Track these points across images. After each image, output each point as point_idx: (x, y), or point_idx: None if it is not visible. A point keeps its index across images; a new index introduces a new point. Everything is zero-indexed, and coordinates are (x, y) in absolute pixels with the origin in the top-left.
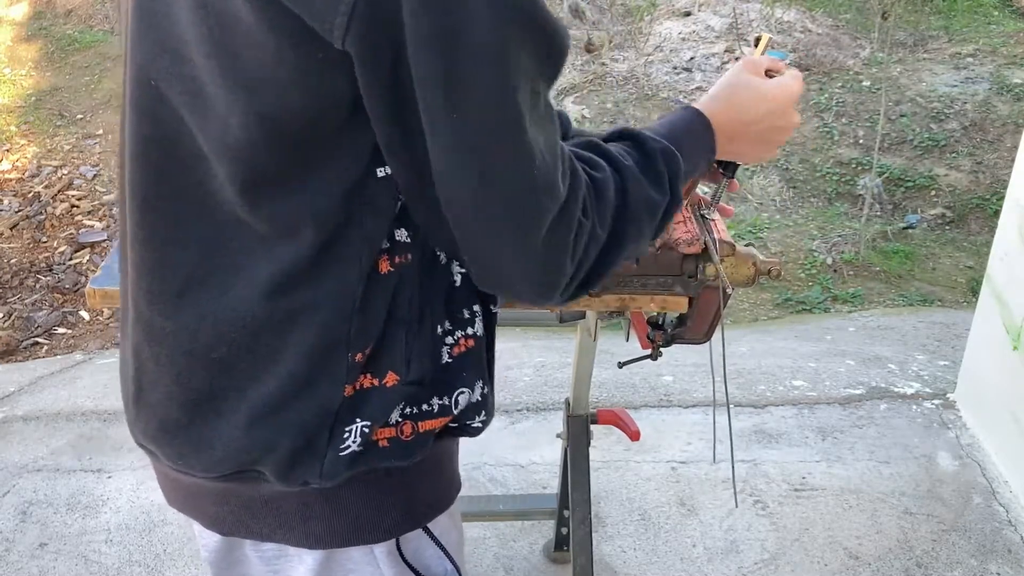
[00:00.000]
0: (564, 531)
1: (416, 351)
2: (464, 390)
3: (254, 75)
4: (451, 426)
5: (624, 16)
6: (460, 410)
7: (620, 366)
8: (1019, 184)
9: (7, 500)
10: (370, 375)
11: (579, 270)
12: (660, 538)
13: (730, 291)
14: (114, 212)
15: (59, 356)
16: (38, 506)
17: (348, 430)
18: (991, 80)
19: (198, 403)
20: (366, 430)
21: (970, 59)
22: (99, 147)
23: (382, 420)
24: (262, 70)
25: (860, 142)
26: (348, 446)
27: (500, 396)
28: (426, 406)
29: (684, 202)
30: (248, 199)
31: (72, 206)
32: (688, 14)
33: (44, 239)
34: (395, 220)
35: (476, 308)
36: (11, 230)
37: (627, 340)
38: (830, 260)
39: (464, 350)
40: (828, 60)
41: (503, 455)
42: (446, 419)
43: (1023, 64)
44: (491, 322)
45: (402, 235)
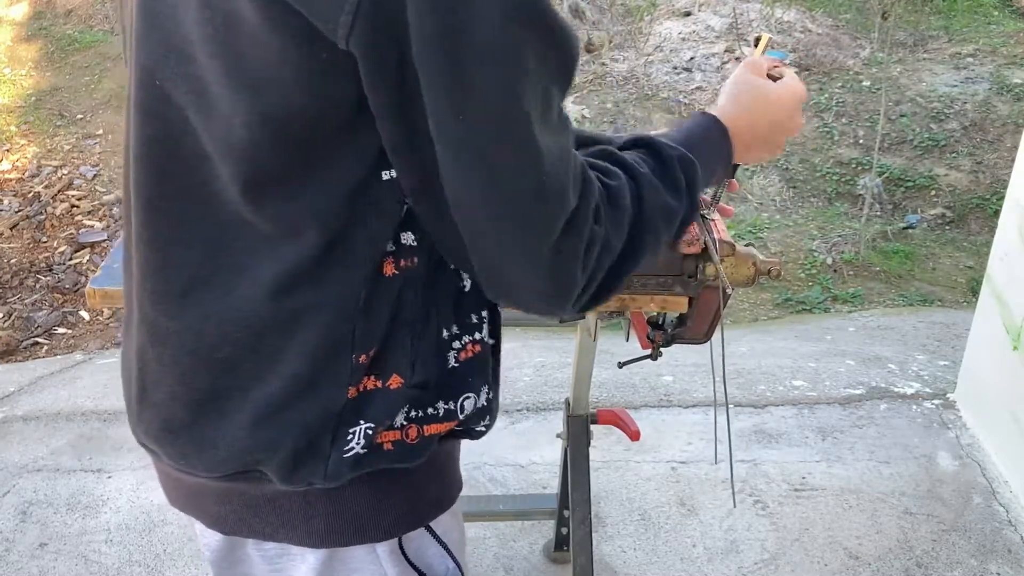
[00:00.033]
0: (564, 531)
1: (421, 354)
2: (470, 395)
3: (258, 75)
4: (455, 429)
5: (624, 16)
6: (466, 415)
7: (620, 366)
8: (1019, 184)
9: (7, 500)
10: (374, 377)
11: (591, 281)
12: (660, 538)
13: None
14: (114, 212)
15: (59, 356)
16: (38, 506)
17: (352, 432)
18: (991, 80)
19: (201, 403)
20: (370, 432)
21: (970, 59)
22: (99, 147)
23: (386, 422)
24: (266, 70)
25: (860, 142)
26: (352, 447)
27: (500, 396)
28: (431, 410)
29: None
30: (252, 199)
31: (72, 206)
32: (688, 14)
33: (44, 239)
34: (402, 223)
35: (484, 314)
36: (11, 230)
37: (627, 340)
38: (830, 260)
39: (471, 355)
40: (828, 60)
41: (503, 455)
42: (451, 424)
43: (1023, 64)
44: (498, 325)
45: (408, 239)
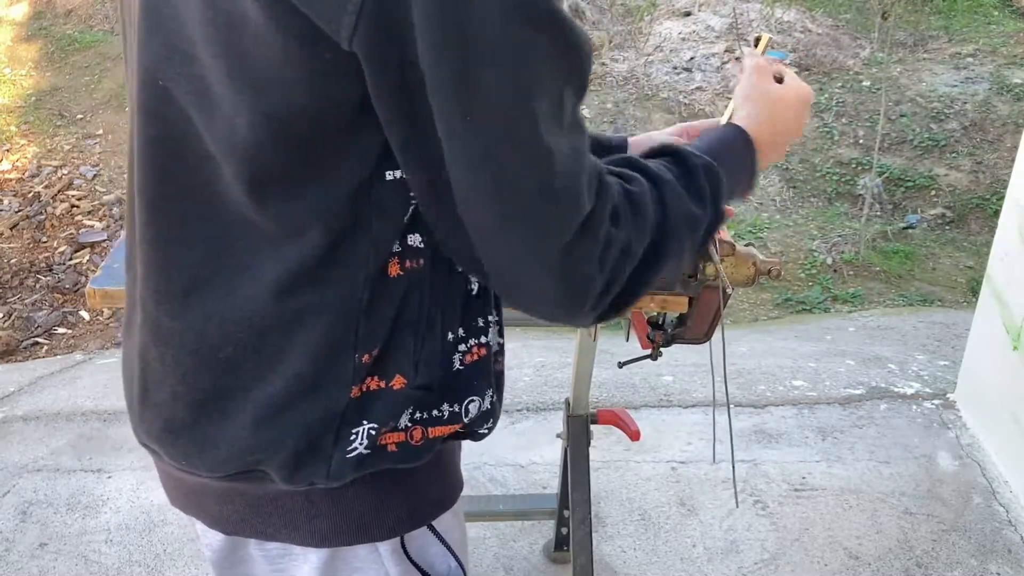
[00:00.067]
0: (564, 531)
1: (425, 355)
2: (475, 398)
3: (261, 75)
4: (458, 431)
5: (624, 16)
6: (470, 418)
7: (620, 366)
8: (1019, 184)
9: (7, 500)
10: (377, 377)
11: (611, 286)
12: (660, 538)
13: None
14: (114, 212)
15: (59, 356)
16: (38, 506)
17: (355, 432)
18: (991, 80)
19: (203, 403)
20: (373, 432)
21: (970, 59)
22: (99, 147)
23: (389, 423)
24: (270, 70)
25: (860, 142)
26: (355, 448)
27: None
28: (436, 412)
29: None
30: (255, 198)
31: (72, 206)
32: (688, 14)
33: (44, 239)
34: (408, 225)
35: (491, 318)
36: (11, 230)
37: (627, 340)
38: (830, 260)
39: (477, 358)
40: (828, 60)
41: (503, 455)
42: (456, 426)
43: (1023, 64)
44: (502, 329)
45: (415, 240)
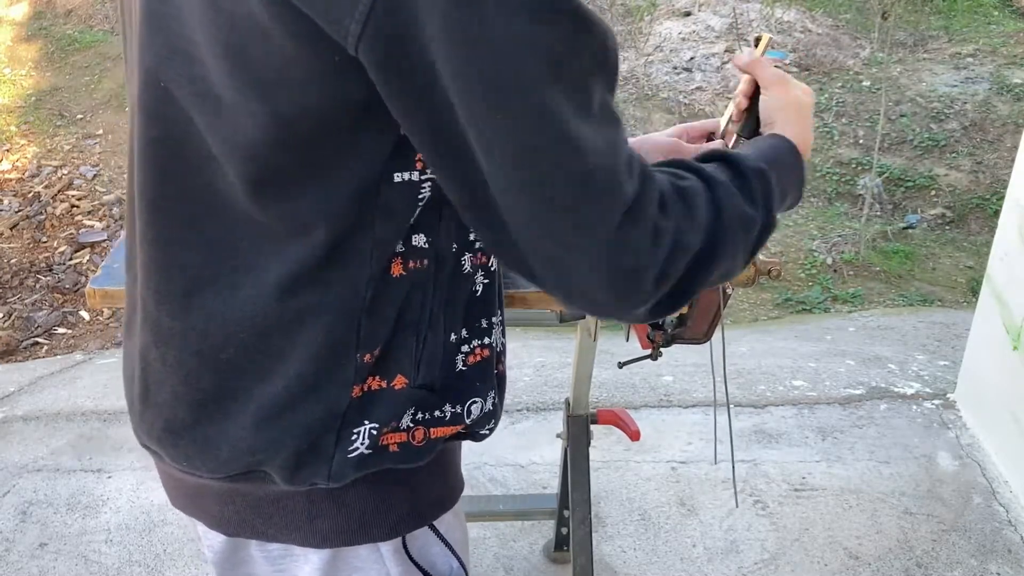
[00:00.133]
0: (564, 531)
1: (427, 355)
2: (477, 400)
3: (267, 75)
4: (460, 432)
5: (624, 16)
6: (472, 419)
7: (620, 366)
8: (1019, 184)
9: (7, 500)
10: (378, 377)
11: (665, 279)
12: (660, 538)
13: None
14: (114, 212)
15: (59, 356)
16: (38, 506)
17: (356, 432)
18: (991, 80)
19: (204, 403)
20: (374, 432)
21: (970, 59)
22: (99, 147)
23: (391, 423)
24: (275, 70)
25: (860, 142)
26: (356, 448)
27: None
28: (438, 412)
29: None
30: (258, 198)
31: (72, 206)
32: (688, 14)
33: (44, 239)
34: (413, 225)
35: (495, 319)
36: (11, 230)
37: (627, 340)
38: (830, 260)
39: (479, 360)
40: (828, 60)
41: (503, 455)
42: (458, 427)
43: (1023, 64)
44: (504, 331)
45: (420, 240)
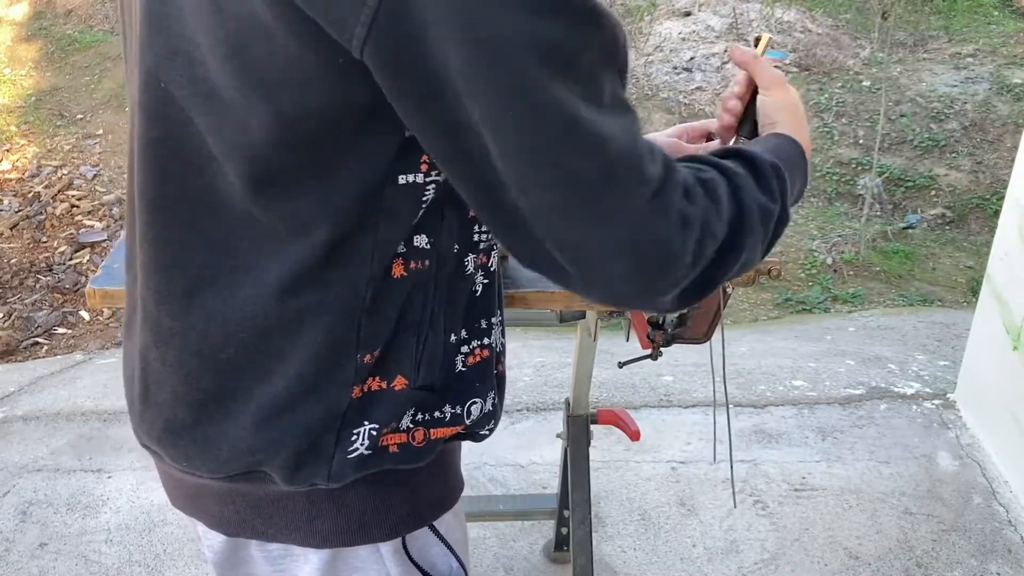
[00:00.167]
0: (564, 531)
1: (427, 356)
2: (477, 400)
3: (271, 76)
4: (460, 432)
5: (624, 16)
6: (472, 420)
7: (620, 366)
8: (1019, 184)
9: (7, 500)
10: (378, 378)
11: (695, 265)
12: (660, 538)
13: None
14: (114, 212)
15: (59, 356)
16: (38, 506)
17: (356, 432)
18: (991, 80)
19: (204, 403)
20: (374, 433)
21: (970, 59)
22: (99, 147)
23: (391, 424)
24: (279, 71)
25: (860, 142)
26: (356, 448)
27: None
28: (438, 413)
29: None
30: (260, 198)
31: (72, 206)
32: (688, 14)
33: (44, 239)
34: (415, 226)
35: (494, 319)
36: (11, 230)
37: (627, 340)
38: (830, 260)
39: (479, 360)
40: (828, 60)
41: (503, 455)
42: (458, 428)
43: (1023, 64)
44: (504, 331)
45: (421, 241)
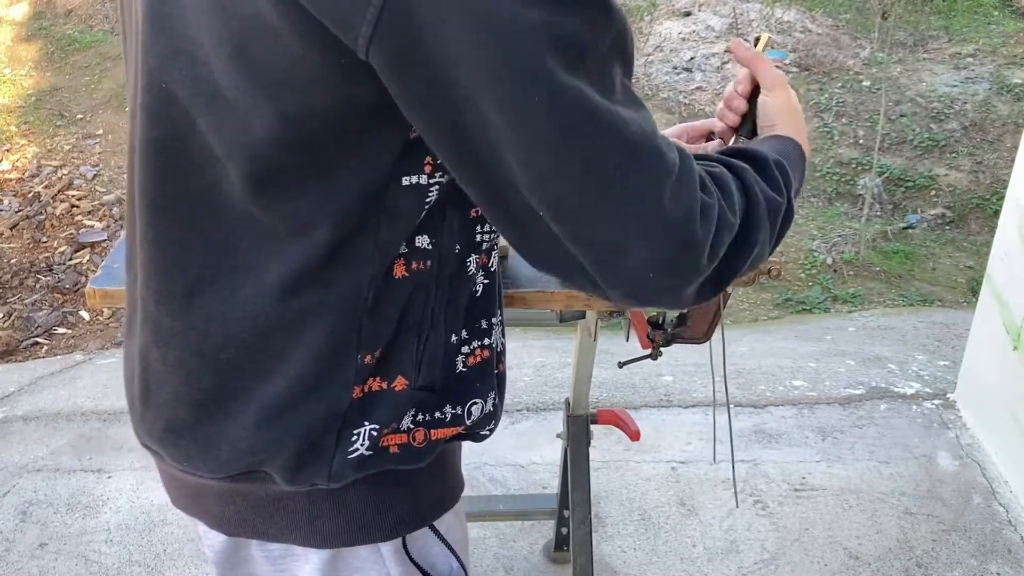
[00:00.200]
0: (564, 531)
1: (427, 357)
2: (477, 401)
3: (275, 75)
4: (460, 433)
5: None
6: (473, 420)
7: (620, 366)
8: (1019, 184)
9: (7, 500)
10: (379, 378)
11: (714, 255)
12: (660, 538)
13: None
14: (114, 212)
15: (59, 356)
16: (38, 506)
17: (356, 433)
18: (991, 80)
19: (205, 403)
20: (374, 433)
21: (970, 59)
22: (99, 147)
23: (391, 424)
24: (283, 70)
25: (860, 142)
26: (356, 449)
27: None
28: (439, 414)
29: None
30: (261, 198)
31: (72, 206)
32: (688, 14)
33: (44, 239)
34: (417, 227)
35: (495, 320)
36: (11, 230)
37: (627, 340)
38: (830, 260)
39: (479, 360)
40: (828, 60)
41: (503, 455)
42: (458, 428)
43: (1023, 64)
44: (504, 331)
45: (423, 241)
